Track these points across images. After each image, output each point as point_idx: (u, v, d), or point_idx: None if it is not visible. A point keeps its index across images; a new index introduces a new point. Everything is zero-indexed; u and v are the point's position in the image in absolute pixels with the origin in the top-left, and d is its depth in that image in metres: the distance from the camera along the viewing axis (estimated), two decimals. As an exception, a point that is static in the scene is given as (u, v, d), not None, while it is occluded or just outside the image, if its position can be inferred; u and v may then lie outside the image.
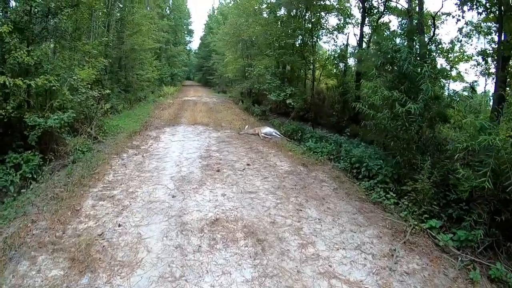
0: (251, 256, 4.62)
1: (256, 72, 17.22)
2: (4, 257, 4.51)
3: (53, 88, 8.22)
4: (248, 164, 8.55)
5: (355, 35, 18.01)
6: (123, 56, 19.92)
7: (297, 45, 17.88)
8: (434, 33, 13.14)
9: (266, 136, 12.02)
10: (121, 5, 19.96)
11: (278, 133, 12.69)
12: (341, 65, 18.35)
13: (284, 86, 16.21)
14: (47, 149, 8.35)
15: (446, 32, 42.30)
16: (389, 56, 7.70)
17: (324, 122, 16.12)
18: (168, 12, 41.17)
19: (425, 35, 12.09)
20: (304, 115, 16.56)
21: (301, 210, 6.09)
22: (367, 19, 16.28)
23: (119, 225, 5.34)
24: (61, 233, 5.10)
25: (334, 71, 19.15)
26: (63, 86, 8.68)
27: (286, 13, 18.98)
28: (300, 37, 17.68)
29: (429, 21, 13.22)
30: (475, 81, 13.10)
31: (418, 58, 7.58)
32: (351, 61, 18.32)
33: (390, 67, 7.94)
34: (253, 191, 6.84)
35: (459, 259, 4.77)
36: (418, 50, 9.82)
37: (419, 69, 6.73)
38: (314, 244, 4.99)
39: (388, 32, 15.68)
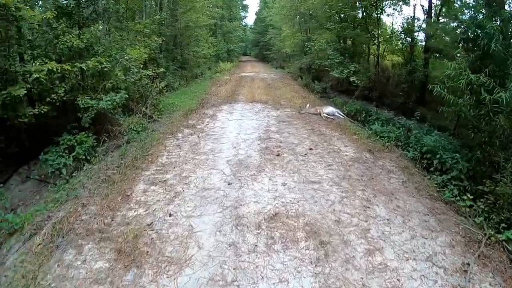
0: (313, 261, 4.07)
1: (317, 47, 16.20)
2: (51, 244, 4.38)
3: (105, 69, 8.15)
4: (310, 149, 7.86)
5: (422, 6, 16.13)
6: (178, 34, 19.72)
7: (360, 18, 16.60)
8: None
9: (328, 116, 11.20)
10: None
11: (341, 113, 11.78)
12: (408, 39, 16.68)
13: (347, 62, 15.08)
14: (102, 130, 8.32)
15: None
16: (470, 32, 6.59)
17: (388, 102, 14.80)
18: (222, -13, 40.56)
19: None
20: (367, 94, 15.33)
21: (368, 207, 5.37)
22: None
23: (170, 215, 5.00)
24: (109, 220, 4.90)
25: (400, 46, 17.54)
26: (115, 67, 8.54)
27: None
28: (362, 9, 16.38)
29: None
30: None
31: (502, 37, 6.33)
32: (419, 36, 16.61)
33: (472, 45, 6.76)
34: (316, 181, 6.18)
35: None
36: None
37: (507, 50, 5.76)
38: (382, 251, 4.33)
39: (459, 3, 13.99)
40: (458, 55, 6.62)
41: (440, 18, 14.78)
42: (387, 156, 7.81)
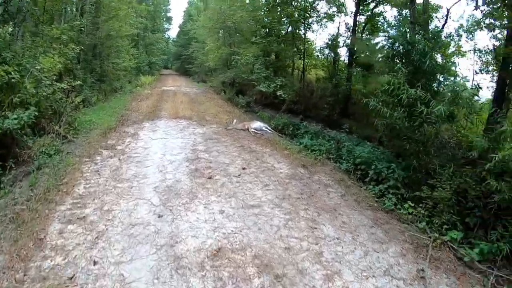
0: (273, 301, 3.50)
1: (244, 60, 15.84)
2: None
3: (13, 80, 6.81)
4: (243, 168, 7.37)
5: (346, 24, 16.85)
6: (98, 43, 18.02)
7: (285, 33, 16.72)
8: (444, 24, 12.25)
9: (256, 131, 10.87)
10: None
11: (269, 127, 11.57)
12: (331, 55, 17.24)
13: (273, 76, 14.96)
14: (8, 154, 6.96)
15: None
16: (402, 48, 6.76)
17: (313, 115, 15.09)
18: (147, -1, 38.51)
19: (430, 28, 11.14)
20: (293, 108, 15.40)
21: (315, 228, 5.08)
22: (361, 7, 15.23)
23: (95, 263, 4.09)
24: (22, 275, 3.87)
25: (324, 61, 18.06)
26: (24, 78, 7.23)
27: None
28: (288, 25, 16.54)
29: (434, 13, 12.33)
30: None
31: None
32: (341, 52, 17.28)
33: (405, 61, 6.94)
34: (256, 205, 5.69)
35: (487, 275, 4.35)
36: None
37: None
38: (340, 274, 4.08)
39: (382, 22, 14.87)
40: (394, 70, 6.64)
41: (363, 35, 15.45)
42: (321, 170, 7.72)
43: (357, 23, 15.62)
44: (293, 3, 16.16)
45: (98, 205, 5.48)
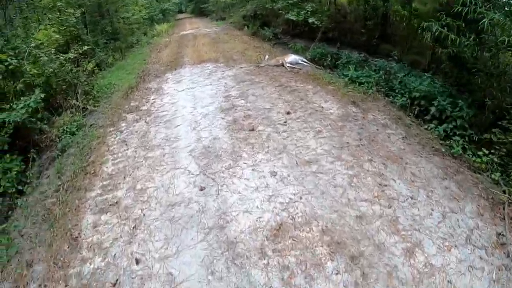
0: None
1: None
2: None
3: (10, 67, 6.11)
4: (288, 112, 6.35)
5: None
6: (102, 1, 16.82)
7: None
8: None
9: (292, 66, 9.66)
10: None
11: (306, 60, 10.28)
12: None
13: (301, 2, 13.18)
14: (29, 144, 6.45)
15: None
16: None
17: (350, 41, 13.31)
18: None
19: None
20: (327, 35, 13.65)
21: (385, 185, 4.19)
22: None
23: (137, 261, 3.50)
24: (63, 287, 3.39)
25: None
26: (23, 60, 6.50)
27: None
28: None
29: None
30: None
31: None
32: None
33: None
34: (312, 160, 4.77)
35: None
36: None
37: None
38: (421, 245, 3.40)
39: None
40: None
41: None
42: (373, 106, 6.71)
43: None
44: None
45: (130, 184, 4.82)
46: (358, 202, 3.88)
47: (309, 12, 12.03)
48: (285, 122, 5.97)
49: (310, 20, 11.77)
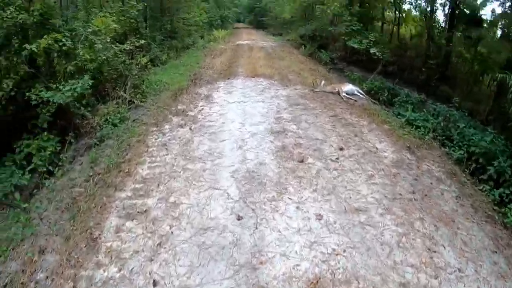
0: None
1: (331, 11, 13.71)
2: None
3: (64, 48, 6.10)
4: (341, 148, 5.97)
5: None
6: None
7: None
8: None
9: (348, 96, 9.30)
10: None
11: (362, 92, 9.91)
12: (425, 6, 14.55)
13: (365, 30, 12.90)
14: (69, 127, 6.47)
15: None
16: None
17: (407, 78, 12.87)
18: None
19: None
20: (385, 69, 13.25)
21: (434, 252, 3.74)
22: None
23: (155, 283, 3.22)
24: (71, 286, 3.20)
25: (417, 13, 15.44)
26: (78, 43, 6.50)
27: None
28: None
29: None
30: None
31: None
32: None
33: None
34: (362, 208, 4.35)
35: None
36: None
37: None
38: None
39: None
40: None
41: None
42: (428, 155, 6.26)
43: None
44: None
45: (163, 194, 4.56)
46: (404, 267, 3.44)
47: (371, 42, 11.70)
48: (337, 158, 5.58)
49: (372, 51, 11.45)
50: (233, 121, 7.02)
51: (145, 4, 12.52)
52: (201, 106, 8.17)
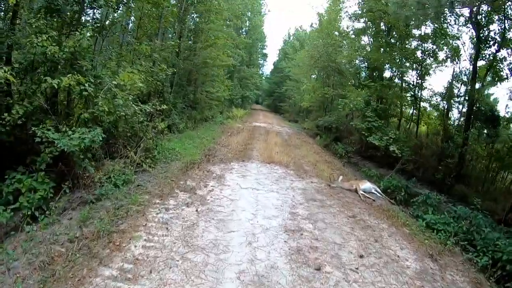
0: None
1: (354, 105, 13.90)
2: None
3: (84, 93, 5.87)
4: (361, 256, 5.33)
5: (460, 70, 14.34)
6: (193, 69, 17.69)
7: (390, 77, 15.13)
8: None
9: (366, 195, 8.87)
10: (195, 14, 17.98)
11: (379, 190, 9.53)
12: (443, 105, 14.76)
13: (386, 127, 12.89)
14: (69, 174, 6.08)
15: None
16: None
17: (421, 176, 12.51)
18: (245, 33, 39.26)
19: None
20: (402, 165, 13.00)
21: None
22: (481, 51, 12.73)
23: None
24: None
25: (434, 112, 15.66)
26: (99, 92, 6.28)
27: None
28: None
29: None
30: None
31: None
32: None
33: None
34: None
35: None
36: None
37: None
38: None
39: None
40: None
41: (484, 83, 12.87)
42: (451, 262, 5.86)
43: (477, 69, 12.90)
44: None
45: (154, 284, 3.88)
46: None
47: (391, 139, 11.48)
48: (357, 268, 4.89)
49: (391, 148, 11.18)
50: (243, 210, 6.44)
51: (175, 70, 12.68)
52: (211, 186, 7.68)
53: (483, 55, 12.82)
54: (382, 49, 15.79)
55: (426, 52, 14.78)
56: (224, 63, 21.29)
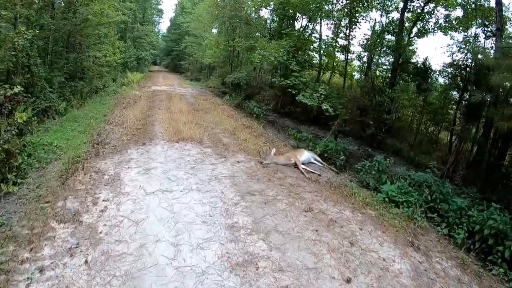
0: None
1: (275, 58, 11.41)
2: None
3: None
4: (348, 281, 3.60)
5: (380, 21, 13.32)
6: (74, 31, 13.52)
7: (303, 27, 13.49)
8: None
9: (309, 169, 7.08)
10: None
11: (319, 159, 7.86)
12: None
13: (315, 83, 10.99)
14: None
15: None
16: None
17: (350, 131, 11.28)
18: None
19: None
20: (332, 123, 11.50)
21: None
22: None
23: None
24: None
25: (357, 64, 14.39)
26: None
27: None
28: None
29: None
30: None
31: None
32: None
33: None
34: None
35: None
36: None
37: None
38: None
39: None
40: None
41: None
42: (431, 245, 4.93)
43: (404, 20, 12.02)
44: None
45: None
46: None
47: (322, 96, 9.66)
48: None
49: (324, 107, 9.36)
50: (158, 240, 4.01)
51: (46, 32, 9.02)
52: (103, 201, 4.95)
53: (412, 7, 12.19)
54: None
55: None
56: (112, 20, 17.04)
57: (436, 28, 11.93)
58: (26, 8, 9.29)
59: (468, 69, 9.83)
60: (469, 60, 9.99)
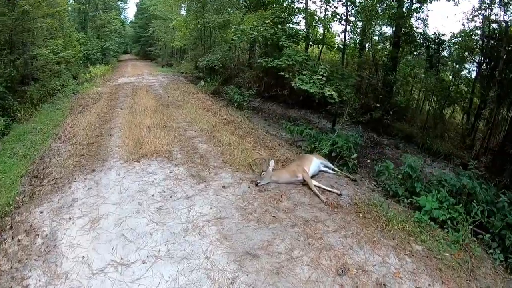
0: None
1: (260, 33, 8.83)
2: None
3: None
4: None
5: None
6: (16, 28, 10.64)
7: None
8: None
9: (326, 189, 4.84)
10: None
11: (330, 165, 5.66)
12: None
13: (314, 63, 8.45)
14: None
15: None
16: None
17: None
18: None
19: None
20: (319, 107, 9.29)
21: None
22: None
23: None
24: None
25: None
26: None
27: None
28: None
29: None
30: None
31: None
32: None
33: None
34: None
35: None
36: None
37: None
38: None
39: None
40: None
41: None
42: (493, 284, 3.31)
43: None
44: None
45: None
46: None
47: (324, 79, 7.32)
48: None
49: (327, 93, 6.98)
50: None
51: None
52: None
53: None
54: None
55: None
56: (61, 9, 14.03)
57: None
58: None
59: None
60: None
